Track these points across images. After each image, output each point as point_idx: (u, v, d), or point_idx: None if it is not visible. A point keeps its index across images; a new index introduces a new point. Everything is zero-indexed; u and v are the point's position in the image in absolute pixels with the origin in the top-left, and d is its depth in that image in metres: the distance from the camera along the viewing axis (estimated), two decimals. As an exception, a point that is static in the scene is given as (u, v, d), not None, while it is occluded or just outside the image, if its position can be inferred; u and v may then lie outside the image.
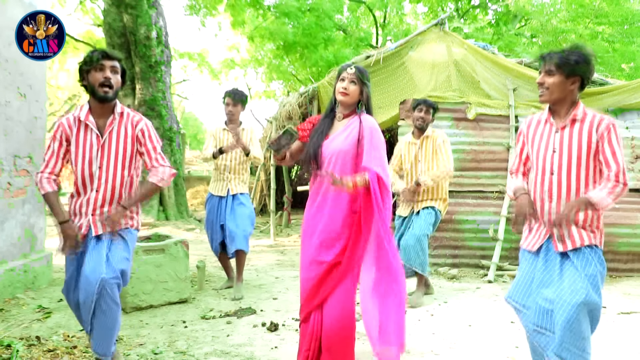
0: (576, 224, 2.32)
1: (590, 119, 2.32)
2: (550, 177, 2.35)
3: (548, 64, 2.32)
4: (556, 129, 2.37)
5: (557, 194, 2.34)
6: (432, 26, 7.56)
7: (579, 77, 2.30)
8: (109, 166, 2.64)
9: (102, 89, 2.56)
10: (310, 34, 14.23)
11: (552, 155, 2.36)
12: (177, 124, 10.77)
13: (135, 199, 2.67)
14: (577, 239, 2.31)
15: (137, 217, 2.77)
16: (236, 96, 4.57)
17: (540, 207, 2.40)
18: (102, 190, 2.64)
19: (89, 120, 2.62)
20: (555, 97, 2.33)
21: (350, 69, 2.69)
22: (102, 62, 2.55)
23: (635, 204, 5.79)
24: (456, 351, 3.24)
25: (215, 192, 4.66)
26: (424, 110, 4.43)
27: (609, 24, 13.91)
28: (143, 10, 9.44)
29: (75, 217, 2.68)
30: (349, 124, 2.71)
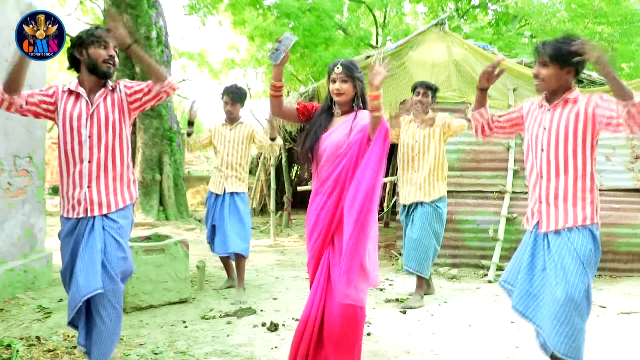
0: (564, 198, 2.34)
1: (580, 100, 2.36)
2: (541, 154, 2.42)
3: (542, 56, 2.38)
4: (548, 109, 2.43)
5: (547, 171, 2.40)
6: (432, 26, 7.56)
7: (574, 66, 2.35)
8: (100, 134, 2.57)
9: (105, 64, 2.55)
10: (311, 33, 14.22)
11: (543, 132, 2.42)
12: (177, 124, 10.77)
13: (141, 52, 2.59)
14: (562, 219, 2.35)
15: (132, 186, 2.71)
16: (235, 95, 4.50)
17: (534, 184, 2.47)
18: (95, 159, 2.56)
19: (79, 89, 2.59)
20: (551, 87, 2.40)
21: (337, 68, 2.67)
22: (107, 40, 2.55)
23: (635, 204, 5.79)
24: (456, 351, 3.24)
25: (213, 190, 4.63)
26: (422, 93, 4.28)
27: (608, 24, 13.91)
28: (143, 10, 9.44)
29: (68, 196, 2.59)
30: (347, 119, 2.72)
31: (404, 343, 3.37)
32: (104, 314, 2.48)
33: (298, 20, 14.33)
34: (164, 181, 9.82)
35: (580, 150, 2.35)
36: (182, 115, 26.19)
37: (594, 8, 13.17)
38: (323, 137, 2.70)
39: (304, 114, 2.83)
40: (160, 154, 9.83)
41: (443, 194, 4.36)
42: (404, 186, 4.43)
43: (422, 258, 4.24)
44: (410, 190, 4.36)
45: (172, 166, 10.01)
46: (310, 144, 2.70)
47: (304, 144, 2.73)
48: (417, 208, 4.33)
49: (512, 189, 5.91)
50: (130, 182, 2.70)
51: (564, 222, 2.35)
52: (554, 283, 2.28)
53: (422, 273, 4.28)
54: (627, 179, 5.92)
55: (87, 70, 2.58)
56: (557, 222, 2.36)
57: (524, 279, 2.43)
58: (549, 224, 2.37)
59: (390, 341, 3.39)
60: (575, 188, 2.36)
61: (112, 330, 2.52)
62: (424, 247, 4.24)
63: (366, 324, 3.73)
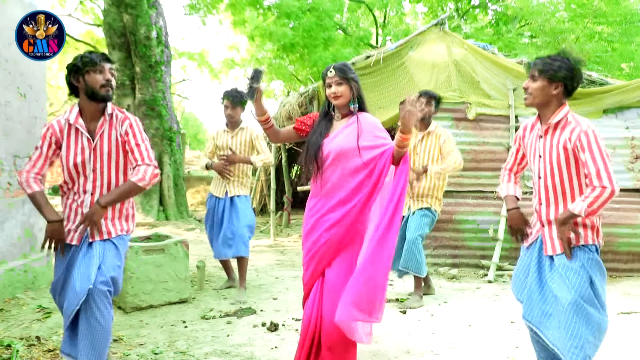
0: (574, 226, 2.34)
1: (568, 127, 2.34)
2: (539, 182, 2.44)
3: (532, 69, 2.40)
4: (540, 134, 2.44)
5: (545, 197, 2.42)
6: (432, 26, 7.56)
7: (562, 83, 2.34)
8: (103, 169, 2.61)
9: (104, 89, 2.56)
10: (311, 34, 14.22)
11: (539, 160, 2.44)
12: (177, 124, 10.77)
13: (113, 197, 2.56)
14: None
15: (131, 220, 2.74)
16: (235, 99, 4.45)
17: (537, 206, 2.48)
18: (97, 193, 2.61)
19: (79, 124, 2.60)
20: (538, 101, 2.40)
21: (330, 72, 2.68)
22: (102, 65, 2.56)
23: (635, 204, 5.79)
24: (456, 351, 3.24)
25: (214, 193, 4.63)
26: (425, 102, 4.32)
27: (608, 24, 13.90)
28: (143, 10, 9.43)
29: (68, 221, 2.65)
30: (348, 123, 2.72)
31: (404, 343, 3.37)
32: (98, 314, 2.47)
33: (298, 20, 14.34)
34: (164, 181, 9.82)
35: (576, 178, 2.35)
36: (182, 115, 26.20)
37: (594, 8, 13.16)
38: (325, 142, 2.71)
39: (303, 130, 2.84)
40: (160, 154, 9.83)
41: (438, 209, 4.44)
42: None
43: (418, 258, 4.26)
44: (407, 202, 4.39)
45: (172, 166, 10.01)
46: (314, 151, 2.71)
47: (307, 152, 2.74)
48: (414, 212, 4.37)
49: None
50: (129, 216, 2.74)
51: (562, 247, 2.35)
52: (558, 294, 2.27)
53: (419, 273, 4.28)
54: (627, 179, 5.92)
55: (86, 97, 2.59)
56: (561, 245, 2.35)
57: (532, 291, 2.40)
58: (554, 248, 2.37)
59: (390, 341, 3.39)
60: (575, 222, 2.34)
61: (107, 330, 2.52)
62: (417, 247, 4.25)
63: (366, 324, 3.73)
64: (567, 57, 2.35)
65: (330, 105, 2.78)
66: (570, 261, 2.29)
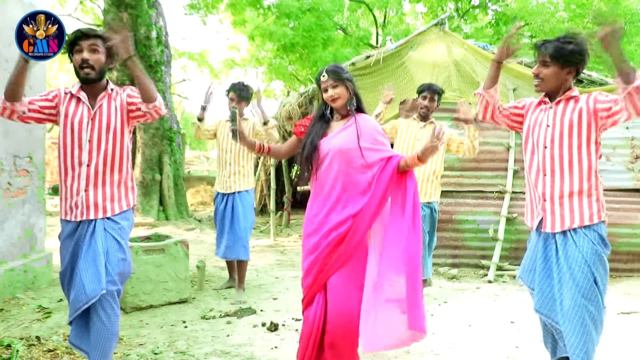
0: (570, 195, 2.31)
1: (582, 98, 2.35)
2: (544, 151, 2.39)
3: (543, 55, 2.35)
4: (550, 106, 2.41)
5: (551, 168, 2.36)
6: (432, 26, 7.56)
7: (574, 67, 2.33)
8: (100, 139, 2.55)
9: (82, 71, 2.50)
10: (310, 33, 14.22)
11: (546, 129, 2.39)
12: (177, 124, 10.77)
13: (139, 65, 2.47)
14: (568, 219, 2.32)
15: (131, 193, 2.69)
16: (242, 92, 4.45)
17: (534, 181, 2.43)
18: (93, 163, 2.54)
19: (81, 94, 2.57)
20: (550, 86, 2.38)
21: (323, 77, 2.67)
22: (79, 43, 2.48)
23: (635, 204, 5.79)
24: (456, 351, 3.24)
25: (220, 189, 4.62)
26: (429, 98, 4.29)
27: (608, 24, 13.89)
28: (143, 10, 9.43)
29: (67, 200, 2.59)
30: (347, 124, 2.72)
31: (404, 343, 3.36)
32: (104, 315, 2.47)
33: (298, 20, 14.34)
34: (164, 181, 9.82)
35: (585, 147, 2.31)
36: (182, 115, 26.20)
37: (594, 8, 13.16)
38: (323, 142, 2.71)
39: (303, 132, 2.84)
40: (160, 154, 9.83)
41: (438, 198, 4.39)
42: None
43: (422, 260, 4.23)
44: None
45: (172, 166, 10.00)
46: (309, 152, 2.70)
47: (303, 152, 2.74)
48: None
49: (512, 189, 5.91)
50: (128, 188, 2.69)
51: (570, 222, 2.31)
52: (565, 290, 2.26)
53: (423, 275, 4.26)
54: (627, 179, 5.92)
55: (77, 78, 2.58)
56: (563, 222, 2.32)
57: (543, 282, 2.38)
58: (554, 224, 2.34)
59: (390, 341, 3.39)
60: (581, 185, 2.32)
61: (112, 330, 2.52)
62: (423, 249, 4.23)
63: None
64: (577, 40, 2.30)
65: (327, 107, 2.77)
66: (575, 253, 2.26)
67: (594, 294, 2.24)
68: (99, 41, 2.52)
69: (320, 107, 2.83)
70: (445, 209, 5.83)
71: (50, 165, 16.18)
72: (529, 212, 2.52)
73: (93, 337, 2.50)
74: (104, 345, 2.51)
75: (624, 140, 6.04)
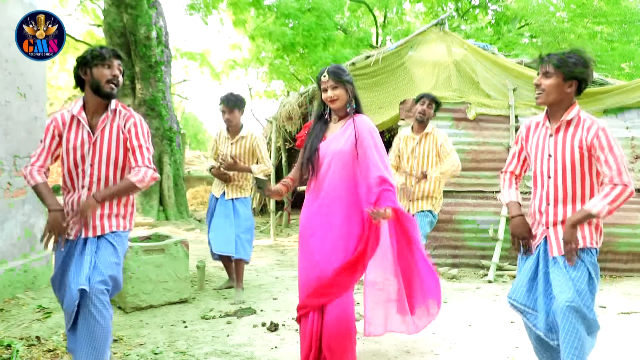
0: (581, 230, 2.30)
1: (581, 124, 2.31)
2: (548, 181, 2.36)
3: (546, 66, 2.31)
4: (550, 133, 2.37)
5: (554, 197, 2.35)
6: (432, 26, 7.57)
7: (576, 80, 2.29)
8: (101, 164, 2.59)
9: (108, 85, 2.55)
10: (311, 34, 14.23)
11: (549, 159, 2.36)
12: (177, 124, 10.77)
13: (109, 193, 2.54)
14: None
15: (129, 218, 2.71)
16: (230, 102, 4.38)
17: (538, 207, 2.41)
18: (93, 188, 2.58)
19: (81, 116, 2.59)
20: (552, 99, 2.32)
21: (324, 77, 2.68)
22: (111, 60, 2.55)
23: (635, 204, 5.78)
24: (456, 351, 3.24)
25: (214, 192, 4.63)
26: (426, 104, 4.32)
27: (608, 24, 13.90)
28: (143, 10, 9.44)
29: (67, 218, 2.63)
30: (346, 125, 2.73)
31: (404, 343, 3.37)
32: (97, 314, 2.44)
33: (298, 20, 14.35)
34: (164, 181, 9.82)
35: (588, 177, 2.30)
36: (182, 115, 26.20)
37: (594, 8, 13.16)
38: (322, 146, 2.71)
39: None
40: (160, 154, 9.83)
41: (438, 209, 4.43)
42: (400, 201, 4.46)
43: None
44: (407, 204, 4.38)
45: (172, 166, 10.01)
46: (310, 155, 2.72)
47: (304, 156, 2.77)
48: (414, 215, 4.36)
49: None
50: (127, 214, 2.71)
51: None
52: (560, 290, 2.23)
53: None
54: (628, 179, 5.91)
55: (91, 91, 2.58)
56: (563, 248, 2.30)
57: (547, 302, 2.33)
58: (560, 249, 2.31)
59: (390, 341, 3.39)
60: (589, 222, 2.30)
61: (107, 329, 2.49)
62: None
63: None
64: (581, 54, 2.28)
65: (325, 108, 2.77)
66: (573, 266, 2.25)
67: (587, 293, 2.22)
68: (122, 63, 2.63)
69: (319, 107, 2.83)
70: (445, 209, 5.82)
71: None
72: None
73: (86, 337, 2.45)
74: (99, 344, 2.46)
75: (624, 140, 6.03)
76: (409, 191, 4.30)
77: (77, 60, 2.60)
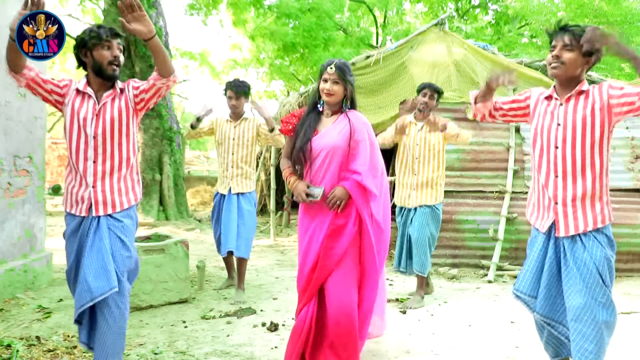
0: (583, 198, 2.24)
1: (592, 93, 2.25)
2: (555, 151, 2.28)
3: (566, 36, 2.21)
4: (560, 103, 2.30)
5: (563, 170, 2.27)
6: (432, 26, 7.57)
7: (592, 58, 2.24)
8: (105, 135, 2.53)
9: (110, 67, 2.50)
10: (311, 33, 14.23)
11: (557, 128, 2.28)
12: (177, 124, 10.77)
13: (160, 43, 2.43)
14: (581, 223, 2.24)
15: (137, 185, 2.68)
16: (239, 89, 4.43)
17: (545, 182, 2.33)
18: (99, 159, 2.53)
19: (87, 90, 2.55)
20: (570, 73, 2.24)
21: (330, 69, 2.66)
22: (110, 40, 2.49)
23: (635, 204, 5.79)
24: (456, 351, 3.24)
25: (220, 190, 4.60)
26: (428, 95, 4.30)
27: (608, 24, 13.90)
28: (143, 10, 9.43)
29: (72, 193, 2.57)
30: (339, 120, 2.73)
31: (404, 343, 3.37)
32: (108, 314, 2.44)
33: (298, 20, 14.35)
34: (164, 181, 9.83)
35: (598, 148, 2.23)
36: (182, 115, 26.20)
37: (594, 8, 13.16)
38: (314, 139, 2.70)
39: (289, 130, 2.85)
40: (160, 154, 9.83)
41: (442, 200, 4.41)
42: (402, 189, 4.43)
43: (423, 258, 4.25)
44: (410, 193, 4.36)
45: (172, 166, 10.01)
46: (301, 146, 2.70)
47: (295, 149, 2.74)
48: (417, 209, 4.33)
49: (512, 189, 5.91)
50: (134, 182, 2.68)
51: (584, 226, 2.23)
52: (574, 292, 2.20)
53: (424, 273, 4.28)
54: (627, 179, 5.92)
55: (93, 73, 2.54)
56: (576, 225, 2.25)
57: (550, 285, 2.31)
58: (567, 228, 2.25)
59: (390, 341, 3.39)
60: (594, 188, 2.24)
61: (117, 331, 2.47)
62: (424, 248, 4.25)
63: (366, 324, 3.73)
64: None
65: (319, 98, 2.76)
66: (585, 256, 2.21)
67: (605, 295, 2.19)
68: (122, 41, 2.56)
69: (313, 96, 2.82)
70: (445, 209, 5.81)
71: (50, 165, 16.19)
72: (537, 214, 2.40)
73: (98, 335, 2.46)
74: (112, 344, 2.46)
75: (624, 140, 6.04)
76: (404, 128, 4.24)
77: (75, 41, 2.55)
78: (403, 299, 4.44)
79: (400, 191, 4.45)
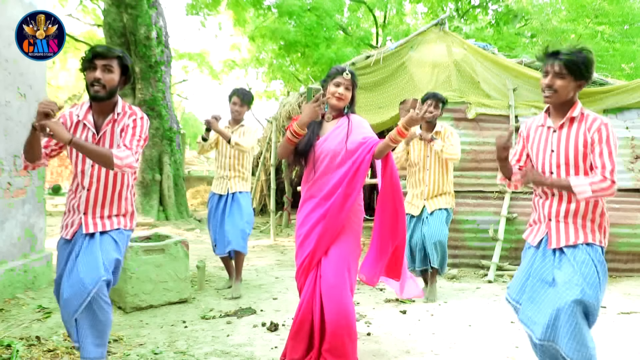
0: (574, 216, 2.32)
1: (585, 119, 2.33)
2: (550, 177, 2.37)
3: (558, 66, 2.27)
4: (554, 129, 2.39)
5: (559, 191, 2.35)
6: (432, 26, 7.56)
7: (585, 81, 2.30)
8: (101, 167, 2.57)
9: (92, 89, 2.49)
10: (312, 33, 14.24)
11: (551, 155, 2.38)
12: (177, 124, 10.78)
13: (85, 145, 2.36)
14: (572, 236, 2.32)
15: (129, 217, 2.72)
16: (245, 97, 4.60)
17: (542, 203, 2.43)
18: (93, 189, 2.59)
19: (87, 120, 2.58)
20: (562, 99, 2.32)
21: (346, 74, 2.73)
22: (94, 62, 2.47)
23: (635, 204, 5.79)
24: (456, 351, 3.24)
25: (216, 191, 4.67)
26: (433, 105, 4.35)
27: (609, 24, 13.90)
28: (143, 10, 9.44)
29: (67, 216, 2.66)
30: (340, 124, 2.79)
31: (404, 343, 3.37)
32: (97, 309, 2.50)
33: (299, 19, 14.36)
34: (164, 181, 9.83)
35: (590, 172, 2.30)
36: (182, 115, 26.21)
37: (595, 8, 13.16)
38: (318, 144, 2.75)
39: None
40: (160, 154, 9.84)
41: (452, 206, 4.52)
42: (414, 199, 4.52)
43: (443, 258, 4.40)
44: (424, 203, 4.45)
45: (172, 166, 10.01)
46: (304, 150, 2.75)
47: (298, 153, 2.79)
48: (433, 212, 4.43)
49: (512, 189, 5.90)
50: (128, 214, 2.72)
51: (575, 238, 2.30)
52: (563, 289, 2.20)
53: (443, 270, 4.47)
54: (627, 179, 5.92)
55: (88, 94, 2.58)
56: (567, 237, 2.31)
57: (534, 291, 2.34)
58: (558, 240, 2.33)
59: (390, 341, 3.39)
60: (586, 210, 2.32)
61: (108, 321, 2.56)
62: (443, 247, 4.37)
63: (366, 324, 3.74)
64: (588, 54, 2.26)
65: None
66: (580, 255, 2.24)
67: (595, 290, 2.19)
68: (115, 61, 2.51)
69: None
70: (445, 209, 5.83)
71: (50, 165, 16.18)
72: (531, 229, 2.51)
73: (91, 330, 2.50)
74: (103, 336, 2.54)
75: (624, 140, 6.03)
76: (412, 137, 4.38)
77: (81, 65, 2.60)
78: (403, 300, 4.44)
79: (414, 201, 4.53)
